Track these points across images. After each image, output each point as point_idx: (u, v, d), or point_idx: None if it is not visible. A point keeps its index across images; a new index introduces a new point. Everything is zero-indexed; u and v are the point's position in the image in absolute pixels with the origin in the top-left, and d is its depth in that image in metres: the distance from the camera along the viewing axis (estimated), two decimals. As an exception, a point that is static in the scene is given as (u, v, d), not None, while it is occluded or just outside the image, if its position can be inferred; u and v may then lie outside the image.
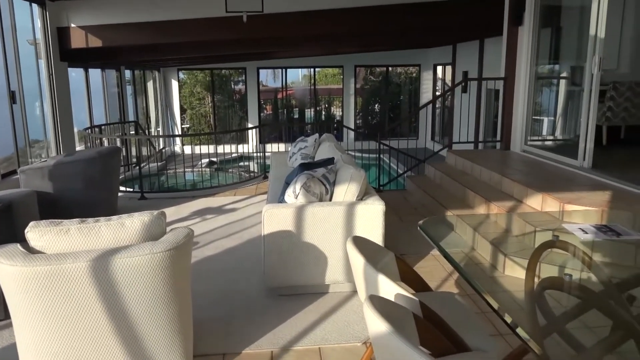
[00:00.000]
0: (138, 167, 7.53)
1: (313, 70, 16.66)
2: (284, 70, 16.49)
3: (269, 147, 13.26)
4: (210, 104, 16.88)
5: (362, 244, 2.21)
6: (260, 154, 8.95)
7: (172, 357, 2.41)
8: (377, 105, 17.67)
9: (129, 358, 2.32)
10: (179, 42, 8.37)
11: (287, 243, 3.38)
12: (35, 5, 7.17)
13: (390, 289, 1.93)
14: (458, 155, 6.25)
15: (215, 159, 11.55)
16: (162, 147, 14.31)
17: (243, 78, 16.46)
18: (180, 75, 16.43)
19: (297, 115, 17.53)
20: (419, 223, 2.57)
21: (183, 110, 16.68)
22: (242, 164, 13.03)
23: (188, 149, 14.86)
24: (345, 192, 3.47)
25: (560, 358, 1.74)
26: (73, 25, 7.61)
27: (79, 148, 8.67)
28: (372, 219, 3.40)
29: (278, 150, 10.00)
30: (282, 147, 13.31)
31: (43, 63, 7.33)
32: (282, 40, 9.89)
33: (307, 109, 17.37)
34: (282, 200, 3.57)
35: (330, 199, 3.56)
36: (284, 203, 3.47)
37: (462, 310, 2.21)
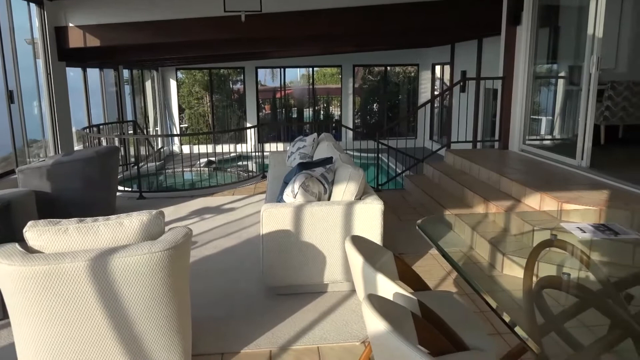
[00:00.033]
0: (136, 166, 7.53)
1: (311, 70, 16.65)
2: (283, 70, 16.49)
3: (268, 146, 13.23)
4: (209, 104, 16.87)
5: (360, 243, 2.21)
6: (259, 154, 8.95)
7: (170, 356, 2.41)
8: (375, 105, 17.68)
9: (128, 357, 2.32)
10: (177, 41, 8.37)
11: (285, 242, 3.38)
12: (33, 5, 7.15)
13: (389, 288, 1.93)
14: (456, 155, 6.26)
15: (214, 159, 11.54)
16: (160, 146, 14.29)
17: (241, 77, 16.46)
18: (179, 75, 16.41)
19: (295, 115, 17.53)
20: (418, 222, 2.58)
21: (181, 110, 16.67)
22: (240, 164, 13.05)
23: (186, 149, 14.84)
24: (344, 191, 3.47)
25: (559, 357, 1.75)
26: (71, 25, 7.59)
27: (77, 148, 8.65)
28: (370, 219, 3.41)
29: (276, 150, 9.98)
30: (280, 146, 13.25)
31: (41, 62, 7.31)
32: (280, 40, 9.88)
33: (305, 109, 17.37)
34: (280, 200, 3.57)
35: (329, 199, 3.57)
36: (283, 202, 3.47)
37: (460, 310, 2.21)
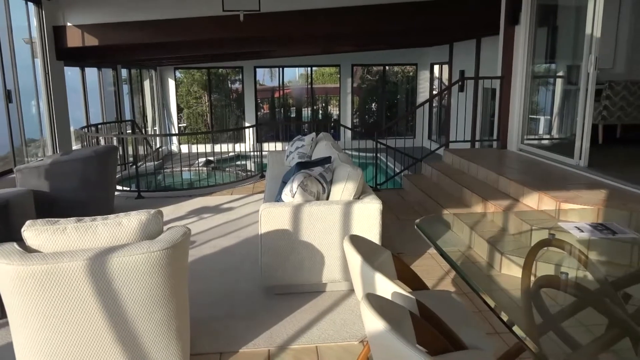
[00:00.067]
0: (135, 166, 7.52)
1: (310, 69, 16.64)
2: (281, 70, 16.48)
3: (266, 146, 13.23)
4: (207, 103, 16.85)
5: (359, 243, 2.21)
6: (257, 153, 8.94)
7: (169, 356, 2.41)
8: (374, 104, 17.68)
9: (126, 357, 2.32)
10: (176, 41, 8.35)
11: (284, 242, 3.38)
12: (31, 4, 7.14)
13: (387, 288, 1.93)
14: (455, 154, 6.27)
15: (212, 158, 11.53)
16: (158, 146, 14.27)
17: (240, 77, 16.44)
18: (177, 74, 16.39)
19: (294, 114, 17.52)
20: (416, 222, 2.58)
21: (180, 109, 16.64)
22: (239, 163, 13.04)
23: (185, 148, 14.82)
24: (342, 191, 3.48)
25: (557, 356, 1.75)
26: (69, 24, 7.58)
27: (76, 147, 8.64)
28: (369, 218, 3.41)
29: (275, 149, 9.98)
30: (279, 146, 13.27)
31: (39, 62, 7.30)
32: (281, 40, 9.87)
33: (304, 108, 17.37)
34: (279, 199, 3.57)
35: (327, 198, 3.57)
36: (281, 202, 3.47)
37: (458, 309, 2.21)
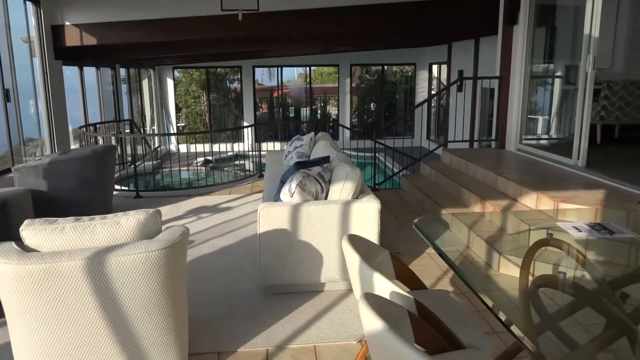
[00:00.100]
0: (133, 165, 7.51)
1: (309, 69, 16.65)
2: (280, 69, 16.47)
3: (265, 145, 13.23)
4: (206, 103, 16.84)
5: (357, 242, 2.21)
6: (256, 153, 8.94)
7: (167, 355, 2.41)
8: (372, 104, 17.68)
9: (124, 356, 2.32)
10: (175, 40, 8.34)
11: (282, 241, 3.38)
12: (30, 3, 7.12)
13: (386, 287, 1.93)
14: (453, 154, 6.27)
15: (211, 158, 11.53)
16: (157, 145, 14.26)
17: (239, 76, 16.43)
18: (176, 74, 16.38)
19: (292, 114, 17.51)
20: (414, 221, 2.58)
21: (178, 109, 16.63)
22: (237, 163, 13.04)
23: (183, 148, 14.80)
24: (341, 190, 3.48)
25: (554, 355, 1.75)
26: (67, 23, 7.57)
27: (74, 146, 8.63)
28: (367, 218, 3.41)
29: (273, 149, 9.99)
30: (277, 145, 13.28)
31: (37, 61, 7.29)
32: (280, 39, 9.86)
33: (302, 108, 17.36)
34: (277, 199, 3.57)
35: (326, 198, 3.57)
36: (280, 202, 3.47)
37: (457, 308, 2.21)
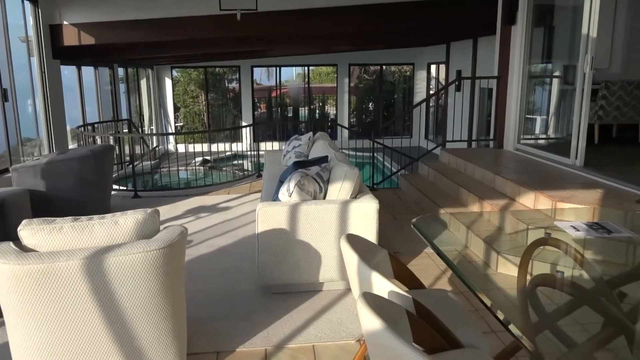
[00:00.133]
0: (131, 165, 7.50)
1: (307, 69, 16.64)
2: (278, 69, 16.47)
3: (263, 145, 13.25)
4: (204, 102, 16.82)
5: (356, 242, 2.21)
6: (254, 153, 8.94)
7: (165, 355, 2.41)
8: (371, 104, 17.69)
9: (123, 356, 2.32)
10: (173, 40, 8.34)
11: (281, 241, 3.38)
12: (28, 3, 7.11)
13: (384, 287, 1.93)
14: (452, 154, 6.28)
15: (209, 158, 11.53)
16: (155, 145, 14.25)
17: (237, 76, 16.42)
18: (174, 73, 16.36)
19: (291, 114, 17.51)
20: (413, 221, 2.58)
21: (176, 109, 16.61)
22: (235, 163, 13.04)
23: (182, 148, 14.80)
24: (339, 190, 3.48)
25: (552, 354, 1.76)
26: (65, 23, 7.56)
27: (72, 146, 8.62)
28: (365, 217, 3.41)
29: (272, 149, 9.99)
30: (276, 145, 13.29)
31: (35, 61, 7.27)
32: (277, 39, 9.86)
33: (301, 108, 17.36)
34: (276, 199, 3.57)
35: (324, 197, 3.57)
36: (278, 201, 3.47)
37: (455, 308, 2.22)
